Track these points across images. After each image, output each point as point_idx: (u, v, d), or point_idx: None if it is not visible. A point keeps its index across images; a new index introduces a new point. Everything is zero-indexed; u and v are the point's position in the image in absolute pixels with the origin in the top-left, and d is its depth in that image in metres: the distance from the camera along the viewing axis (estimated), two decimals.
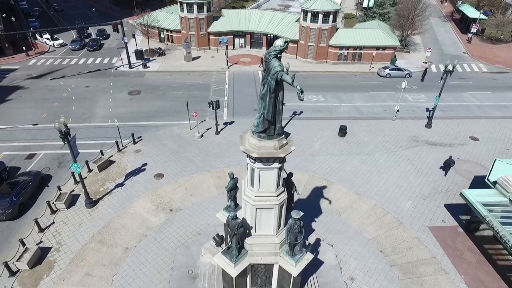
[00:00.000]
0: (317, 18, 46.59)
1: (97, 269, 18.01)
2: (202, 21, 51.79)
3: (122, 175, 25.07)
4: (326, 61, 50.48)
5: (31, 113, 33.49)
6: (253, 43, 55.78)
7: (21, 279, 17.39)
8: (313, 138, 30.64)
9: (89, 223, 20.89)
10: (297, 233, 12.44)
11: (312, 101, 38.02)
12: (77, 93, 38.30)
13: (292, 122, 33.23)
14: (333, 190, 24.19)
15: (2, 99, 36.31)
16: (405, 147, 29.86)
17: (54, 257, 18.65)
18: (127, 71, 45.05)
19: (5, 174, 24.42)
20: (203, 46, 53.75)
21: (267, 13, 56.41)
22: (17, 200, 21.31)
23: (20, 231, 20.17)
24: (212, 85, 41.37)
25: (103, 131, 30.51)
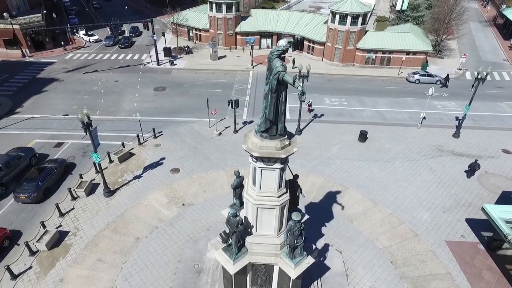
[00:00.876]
0: (345, 20, 45.73)
1: (109, 256, 18.78)
2: (230, 21, 52.42)
3: (141, 168, 25.94)
4: (353, 65, 49.40)
5: (63, 104, 35.46)
6: None
7: (39, 259, 18.49)
8: (332, 141, 30.12)
9: (105, 211, 21.81)
10: (297, 235, 12.32)
11: (335, 104, 37.37)
12: (106, 87, 40.08)
13: (311, 125, 32.86)
14: (347, 196, 23.67)
15: (39, 90, 38.71)
16: (428, 156, 28.63)
17: (71, 241, 19.66)
18: (155, 67, 46.52)
19: (34, 160, 26.02)
20: (230, 45, 54.39)
21: (296, 14, 56.12)
22: (43, 185, 22.66)
23: (43, 214, 21.44)
24: (235, 84, 41.77)
25: (127, 124, 31.69)
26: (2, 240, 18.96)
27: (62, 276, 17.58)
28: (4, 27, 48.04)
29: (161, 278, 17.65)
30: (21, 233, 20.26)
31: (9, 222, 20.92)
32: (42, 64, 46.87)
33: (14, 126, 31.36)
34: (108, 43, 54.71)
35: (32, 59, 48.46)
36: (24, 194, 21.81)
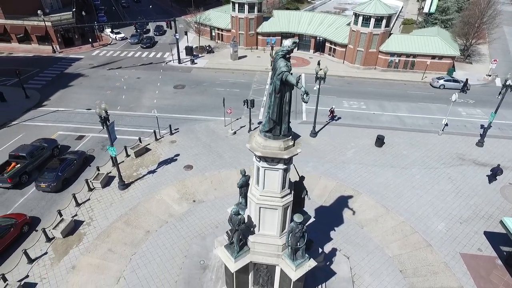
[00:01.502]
0: (368, 22, 44.86)
1: (119, 247, 19.35)
2: (252, 21, 52.67)
3: (155, 163, 26.55)
4: (375, 68, 48.36)
5: (87, 99, 36.85)
6: (300, 45, 55.34)
7: (54, 246, 19.33)
8: (347, 145, 29.63)
9: (119, 203, 22.49)
10: (298, 237, 12.23)
11: (353, 108, 36.74)
12: (128, 83, 41.29)
13: (327, 127, 32.46)
14: (359, 201, 23.21)
15: (65, 85, 40.43)
16: (448, 164, 27.59)
17: (85, 230, 20.42)
18: (176, 66, 47.46)
19: (56, 151, 27.21)
20: (250, 45, 54.65)
21: (318, 16, 55.64)
22: (62, 175, 23.66)
23: (60, 203, 22.38)
24: (253, 85, 41.91)
25: (145, 120, 32.50)
26: (22, 225, 19.96)
27: (74, 264, 18.30)
28: (37, 24, 50.54)
29: (167, 272, 18.00)
30: (40, 220, 21.26)
31: (29, 209, 22.00)
32: (70, 60, 48.92)
33: (41, 118, 32.92)
34: (133, 41, 56.27)
35: (61, 55, 50.69)
36: (45, 183, 22.87)
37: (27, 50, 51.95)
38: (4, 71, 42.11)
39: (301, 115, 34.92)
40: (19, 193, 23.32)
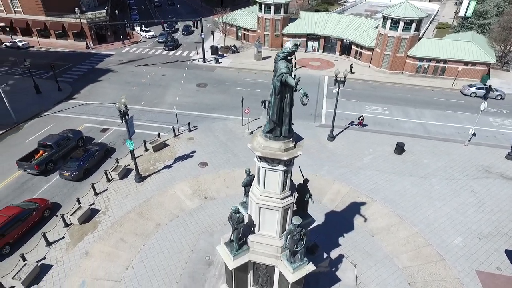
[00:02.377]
0: (397, 26, 43.56)
1: (130, 237, 20.08)
2: (278, 22, 52.68)
3: (172, 158, 27.26)
4: (402, 73, 46.85)
5: (113, 93, 38.44)
6: (326, 47, 54.71)
7: (71, 231, 20.37)
8: (365, 151, 28.95)
9: (134, 195, 23.33)
10: (296, 240, 12.17)
11: (375, 113, 35.81)
12: (154, 80, 42.63)
13: (346, 132, 31.87)
14: (372, 209, 22.63)
15: (95, 79, 42.41)
16: (472, 176, 26.26)
17: (100, 218, 21.36)
18: (200, 64, 48.40)
19: (81, 142, 28.64)
20: (275, 46, 54.65)
21: (346, 18, 54.68)
22: (84, 165, 24.88)
23: (80, 192, 23.54)
24: None
25: (166, 117, 33.40)
26: (44, 210, 21.21)
27: (87, 249, 19.20)
28: (74, 21, 53.36)
29: (174, 265, 18.46)
30: (60, 206, 22.49)
31: (52, 195, 23.33)
32: (102, 55, 51.24)
33: (70, 110, 34.75)
34: (161, 40, 57.87)
35: (94, 51, 53.20)
36: (68, 171, 24.16)
37: (63, 46, 55.00)
38: (42, 64, 44.77)
39: (320, 118, 34.52)
40: (44, 180, 24.78)
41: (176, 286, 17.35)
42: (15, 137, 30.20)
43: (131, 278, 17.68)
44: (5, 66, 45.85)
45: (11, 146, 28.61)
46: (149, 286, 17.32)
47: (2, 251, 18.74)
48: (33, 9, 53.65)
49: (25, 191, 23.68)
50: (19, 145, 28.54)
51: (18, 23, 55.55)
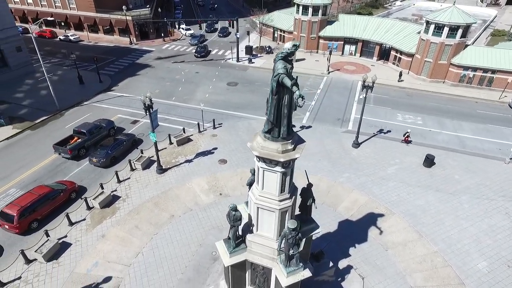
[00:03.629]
0: (441, 32, 41.11)
1: (145, 225, 20.94)
2: (315, 24, 51.97)
3: (194, 153, 27.98)
4: (443, 81, 44.10)
5: (148, 87, 40.24)
6: (364, 52, 53.01)
7: (92, 214, 21.69)
8: (391, 161, 27.68)
9: (153, 186, 24.28)
10: (291, 243, 11.96)
11: (407, 122, 34.07)
12: (187, 77, 44.02)
13: (373, 139, 30.67)
14: (389, 221, 21.60)
15: (133, 73, 44.70)
16: (509, 198, 24.10)
17: (120, 205, 22.51)
18: (234, 64, 49.13)
19: (112, 131, 30.35)
20: (311, 49, 53.99)
21: (387, 22, 52.63)
22: (112, 153, 26.36)
23: (105, 178, 24.94)
24: (305, 88, 41.42)
25: (194, 113, 34.28)
26: (71, 192, 22.80)
27: (104, 233, 20.34)
28: (120, 18, 56.61)
29: (181, 256, 18.97)
30: (86, 189, 24.02)
31: (80, 179, 24.98)
32: (143, 51, 53.84)
33: (107, 101, 36.96)
34: (193, 42, 56.92)
35: (136, 47, 56.08)
36: (96, 158, 25.75)
37: (109, 41, 58.57)
38: (88, 57, 48.03)
39: (348, 123, 33.54)
40: (75, 164, 26.61)
41: (180, 276, 17.82)
42: (56, 123, 32.72)
43: (139, 264, 18.45)
44: (57, 58, 49.85)
45: (51, 131, 31.04)
46: (155, 274, 17.95)
47: (31, 226, 20.42)
48: (86, 6, 57.75)
49: (58, 173, 25.60)
50: (58, 131, 30.87)
51: (72, 18, 60.12)
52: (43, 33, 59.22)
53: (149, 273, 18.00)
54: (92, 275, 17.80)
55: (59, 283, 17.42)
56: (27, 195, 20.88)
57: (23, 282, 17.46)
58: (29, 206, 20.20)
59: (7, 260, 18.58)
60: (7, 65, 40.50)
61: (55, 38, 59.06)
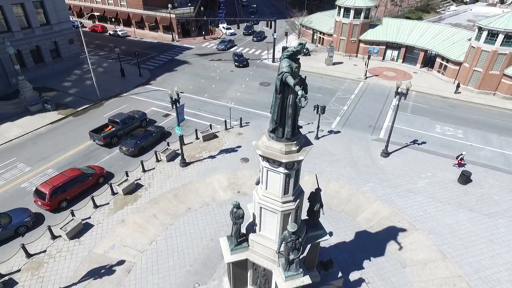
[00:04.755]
0: (494, 39, 37.90)
1: (162, 215, 21.61)
2: (356, 27, 50.38)
3: (218, 150, 28.38)
4: (494, 93, 40.60)
5: (183, 83, 41.55)
6: (406, 58, 50.40)
7: (115, 200, 22.81)
8: (422, 174, 26.01)
9: (175, 178, 24.98)
10: (291, 247, 11.64)
11: (446, 134, 31.82)
12: (222, 75, 44.78)
13: (405, 150, 29.04)
14: (411, 238, 20.30)
15: (171, 69, 46.39)
16: None
17: (141, 193, 23.44)
18: (269, 64, 49.12)
19: (144, 122, 31.71)
20: (350, 52, 52.44)
21: (434, 27, 49.57)
22: (140, 143, 27.55)
23: (132, 166, 26.10)
24: (338, 92, 40.31)
25: (223, 110, 34.75)
26: (99, 177, 24.17)
27: (124, 218, 21.30)
28: (164, 16, 59.04)
29: (192, 249, 19.32)
30: (113, 176, 25.32)
31: (110, 165, 26.39)
32: (183, 48, 55.70)
33: (144, 94, 38.70)
34: (220, 47, 54.14)
35: (177, 43, 58.14)
36: (126, 147, 27.05)
37: (153, 37, 61.34)
38: (132, 52, 50.62)
39: (379, 131, 32.07)
40: (107, 151, 28.16)
41: (188, 268, 18.16)
42: (96, 111, 34.88)
43: (152, 252, 19.07)
44: (104, 51, 53.17)
45: (90, 119, 33.14)
46: (165, 263, 18.45)
47: (60, 205, 21.95)
48: (135, 3, 60.99)
49: (90, 158, 27.27)
50: (96, 119, 32.88)
51: (122, 15, 63.81)
52: (96, 27, 63.52)
53: (160, 262, 18.54)
54: (108, 257, 18.72)
55: (78, 260, 18.53)
56: (59, 176, 22.48)
57: (47, 256, 18.80)
58: (60, 186, 21.72)
59: (36, 233, 20.13)
60: (60, 56, 43.90)
61: (105, 32, 63.06)
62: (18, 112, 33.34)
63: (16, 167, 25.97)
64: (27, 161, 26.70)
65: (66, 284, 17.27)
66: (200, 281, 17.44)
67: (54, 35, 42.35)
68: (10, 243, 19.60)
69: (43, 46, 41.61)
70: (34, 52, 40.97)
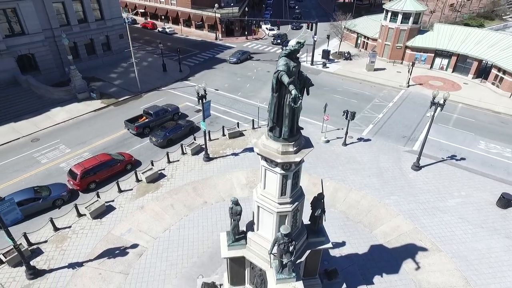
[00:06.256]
0: None
1: (179, 206, 22.34)
2: (403, 33, 47.92)
3: (242, 148, 28.65)
4: None
5: (219, 81, 42.52)
6: (457, 67, 46.87)
7: (138, 187, 24.01)
8: (454, 192, 24.05)
9: (197, 171, 25.68)
10: (283, 250, 11.44)
11: (490, 152, 29.09)
12: (258, 75, 45.09)
13: (439, 165, 27.06)
14: (432, 259, 18.87)
15: (210, 66, 47.71)
16: None
17: (163, 183, 24.42)
18: (307, 66, 48.46)
19: (176, 116, 32.99)
20: (394, 59, 50.01)
21: (493, 35, 45.53)
22: (169, 135, 28.72)
23: (159, 157, 27.27)
24: (375, 99, 38.64)
25: (253, 109, 34.96)
26: (127, 164, 25.61)
27: (143, 205, 22.35)
28: (210, 15, 60.85)
29: (202, 241, 19.74)
30: (141, 164, 26.68)
31: (139, 154, 27.85)
32: (225, 47, 56.97)
33: (181, 89, 40.26)
34: (231, 60, 48.65)
35: (220, 42, 59.61)
36: (155, 138, 28.38)
37: (198, 35, 63.50)
38: (176, 48, 52.87)
39: (414, 143, 30.20)
40: (138, 141, 29.75)
41: (195, 259, 18.61)
42: (135, 102, 36.99)
43: (164, 240, 19.80)
44: (151, 46, 56.17)
45: (129, 109, 35.20)
46: (175, 252, 19.07)
47: (89, 186, 23.63)
48: (184, 2, 63.65)
49: (123, 145, 28.99)
50: (134, 109, 34.84)
51: (171, 13, 66.94)
52: (147, 24, 67.32)
53: (170, 250, 19.19)
54: (123, 239, 19.79)
55: (97, 239, 19.81)
56: (91, 159, 24.22)
57: (71, 231, 20.34)
58: (91, 169, 23.39)
59: (65, 209, 21.87)
60: (110, 49, 47.22)
61: (155, 29, 66.55)
62: (68, 98, 36.44)
63: (58, 148, 28.43)
64: (68, 143, 29.11)
65: (84, 259, 18.55)
66: (204, 274, 17.77)
67: (106, 29, 45.67)
68: (43, 216, 21.49)
69: (96, 40, 45.05)
70: (88, 44, 44.53)
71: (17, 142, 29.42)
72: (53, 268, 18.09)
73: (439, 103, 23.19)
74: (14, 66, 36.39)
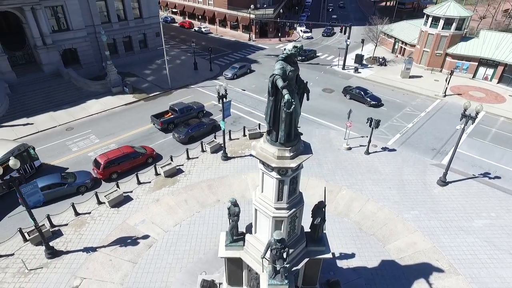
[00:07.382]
0: None
1: (192, 202, 22.81)
2: (444, 39, 45.34)
3: None
4: None
5: (247, 82, 42.79)
6: (504, 78, 43.52)
7: (156, 180, 24.82)
8: (483, 212, 22.35)
9: (214, 169, 26.05)
10: (275, 255, 11.29)
11: None
12: None
13: (469, 181, 25.28)
14: (448, 281, 17.67)
15: None
16: None
17: (180, 178, 25.05)
18: (338, 71, 47.39)
19: (201, 114, 33.68)
20: (433, 66, 47.45)
21: None
22: (191, 132, 29.43)
23: (179, 152, 27.99)
24: (407, 108, 36.89)
25: None
26: (148, 157, 26.59)
27: (159, 198, 23.08)
28: (245, 16, 61.45)
29: (209, 239, 20.00)
30: (162, 158, 27.56)
31: (161, 148, 28.79)
32: (257, 48, 57.25)
33: (209, 87, 41.01)
34: (227, 76, 43.32)
35: (253, 43, 60.00)
36: (178, 134, 29.20)
37: (233, 35, 64.37)
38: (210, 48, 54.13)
39: (443, 157, 28.45)
40: (162, 136, 30.75)
41: (201, 256, 18.91)
42: (164, 99, 38.27)
43: (173, 234, 20.32)
44: (186, 45, 57.78)
45: (158, 105, 36.50)
46: (182, 246, 19.50)
47: (112, 176, 24.81)
48: (220, 2, 64.85)
49: (147, 139, 30.12)
50: (162, 105, 36.03)
51: (208, 13, 68.50)
52: (184, 23, 69.42)
53: (178, 244, 19.65)
54: (136, 229, 20.57)
55: (112, 227, 20.76)
56: (115, 151, 25.44)
57: (90, 217, 21.49)
58: (114, 160, 24.56)
59: (87, 196, 23.14)
60: (147, 46, 49.26)
61: (191, 28, 68.44)
62: (103, 91, 38.53)
63: (89, 138, 30.16)
64: (98, 134, 30.78)
65: (98, 245, 19.52)
66: (208, 271, 17.99)
67: (144, 27, 47.71)
68: (67, 200, 22.89)
69: (134, 37, 47.21)
70: (126, 41, 46.79)
71: (54, 130, 31.60)
72: (69, 250, 19.23)
73: (470, 116, 21.65)
74: (58, 59, 39.17)
